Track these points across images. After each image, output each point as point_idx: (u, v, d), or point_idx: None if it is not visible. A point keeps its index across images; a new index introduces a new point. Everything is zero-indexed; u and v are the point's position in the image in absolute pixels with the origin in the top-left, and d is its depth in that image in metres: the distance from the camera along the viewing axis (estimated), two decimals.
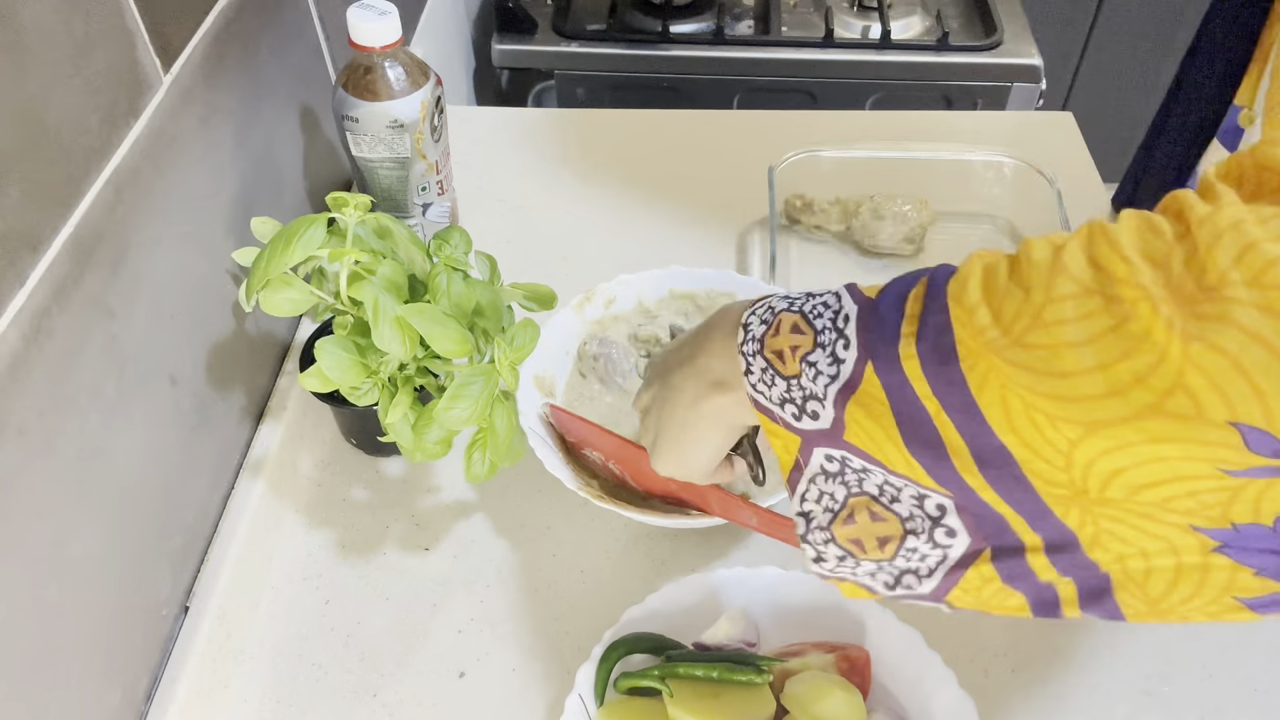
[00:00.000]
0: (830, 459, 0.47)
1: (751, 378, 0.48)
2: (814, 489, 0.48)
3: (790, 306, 0.47)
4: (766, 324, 0.48)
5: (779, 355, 0.47)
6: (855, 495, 0.47)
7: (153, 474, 0.63)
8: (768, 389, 0.47)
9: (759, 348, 0.48)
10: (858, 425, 0.44)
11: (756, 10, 1.45)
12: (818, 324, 0.45)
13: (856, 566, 0.47)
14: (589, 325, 0.76)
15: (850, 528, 0.47)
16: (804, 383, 0.46)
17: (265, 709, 0.63)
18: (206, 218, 0.69)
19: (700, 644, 0.62)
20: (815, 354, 0.45)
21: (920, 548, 0.45)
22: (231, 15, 0.71)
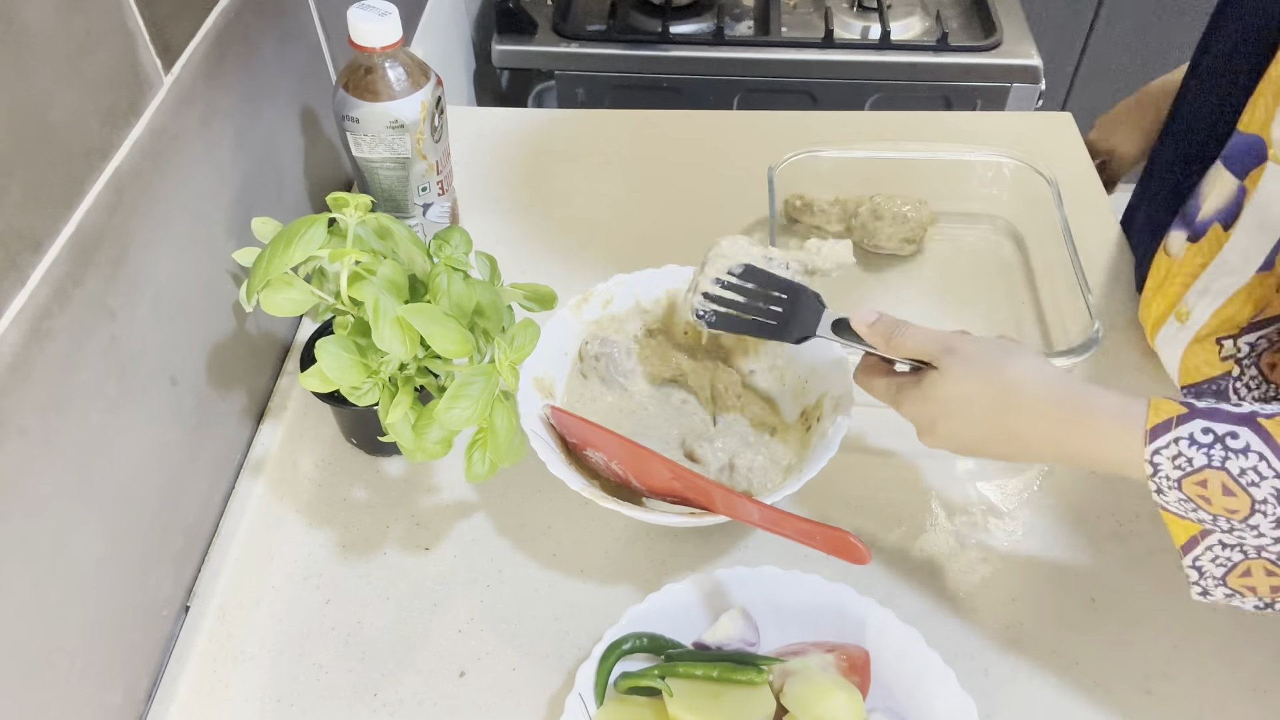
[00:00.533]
0: (1232, 533, 0.52)
1: (1164, 498, 0.53)
2: (1209, 553, 0.54)
3: (1210, 462, 0.50)
4: (1183, 471, 0.51)
5: (1205, 500, 0.51)
6: (1253, 560, 0.53)
7: (153, 474, 0.63)
8: (1186, 511, 0.53)
9: (1175, 485, 0.52)
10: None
11: (756, 11, 1.45)
12: (1255, 493, 0.49)
13: (1240, 599, 0.55)
14: (587, 326, 0.76)
15: (1245, 579, 0.54)
16: (1236, 526, 0.51)
17: (266, 708, 0.63)
18: (207, 218, 0.69)
19: (700, 644, 0.62)
20: (1255, 518, 0.50)
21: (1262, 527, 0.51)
22: (232, 15, 0.72)
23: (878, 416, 0.78)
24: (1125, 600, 0.67)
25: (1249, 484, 0.49)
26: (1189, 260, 0.73)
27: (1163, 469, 0.52)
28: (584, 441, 0.69)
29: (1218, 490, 0.50)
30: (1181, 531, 0.54)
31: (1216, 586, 0.55)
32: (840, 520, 0.71)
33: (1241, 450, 0.50)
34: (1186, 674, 0.63)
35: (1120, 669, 0.64)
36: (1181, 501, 0.52)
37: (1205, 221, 0.71)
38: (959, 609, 0.67)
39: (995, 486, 0.74)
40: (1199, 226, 0.72)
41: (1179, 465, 0.51)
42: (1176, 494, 0.52)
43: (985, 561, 0.69)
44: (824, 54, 1.35)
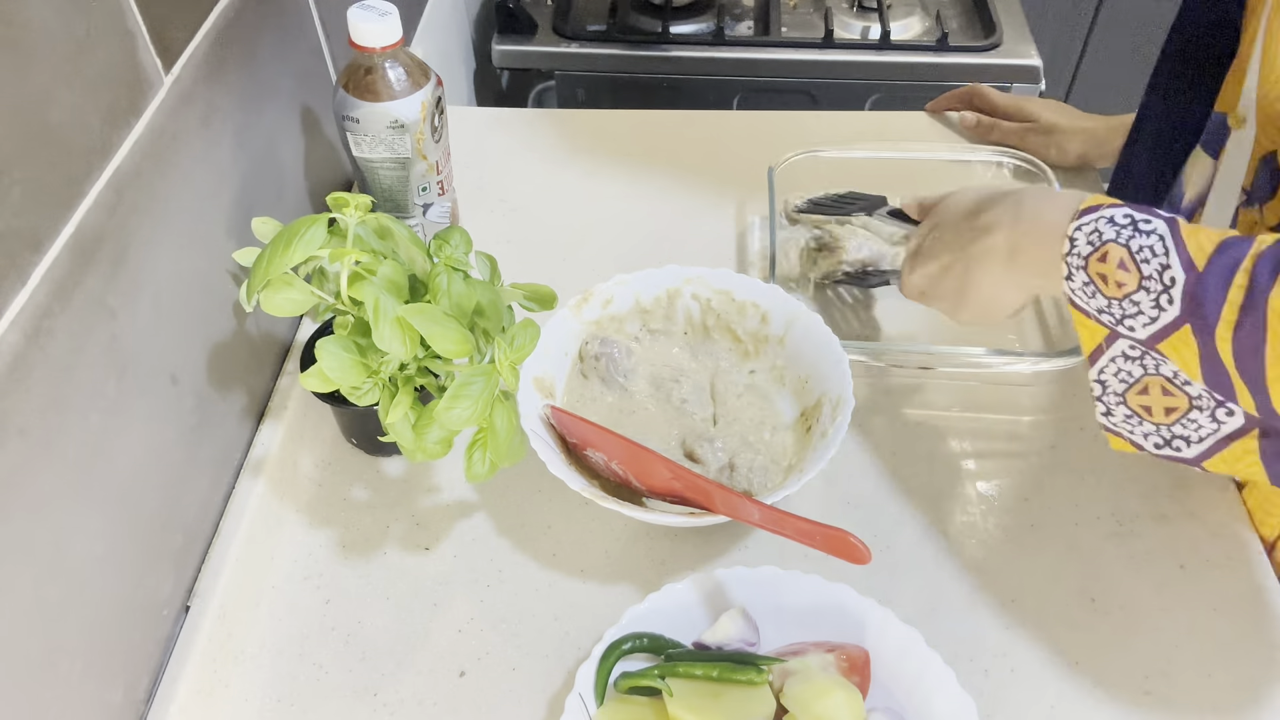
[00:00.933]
0: (1134, 347, 0.56)
1: (1071, 283, 0.56)
2: (1113, 365, 0.58)
3: (1118, 238, 0.54)
4: (1093, 246, 0.54)
5: (1103, 278, 0.54)
6: (1151, 375, 0.57)
7: (153, 474, 0.63)
8: (1086, 298, 0.56)
9: (1083, 264, 0.55)
10: (1168, 347, 0.53)
11: (756, 11, 1.45)
12: (1144, 269, 0.52)
13: (1137, 426, 0.59)
14: (587, 326, 0.76)
15: (1142, 397, 0.57)
16: (1124, 307, 0.54)
17: (266, 708, 0.63)
18: (207, 218, 0.69)
19: (700, 644, 0.62)
20: (1139, 295, 0.53)
21: (1200, 420, 0.56)
22: (232, 16, 0.72)
23: (878, 416, 0.78)
24: (1125, 600, 0.67)
25: (1141, 260, 0.52)
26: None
27: (1078, 244, 0.55)
28: (584, 441, 0.69)
29: (1114, 264, 0.53)
30: (1089, 337, 0.57)
31: (1118, 405, 0.58)
32: (840, 520, 0.71)
33: (1148, 232, 0.53)
34: (1186, 674, 0.63)
35: (1120, 669, 0.64)
36: (1085, 286, 0.55)
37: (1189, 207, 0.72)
38: (959, 609, 0.67)
39: (995, 486, 0.74)
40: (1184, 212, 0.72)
41: (1090, 240, 0.55)
42: (1081, 276, 0.55)
43: (985, 561, 0.69)
44: (824, 54, 1.35)
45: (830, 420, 0.68)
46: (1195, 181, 0.71)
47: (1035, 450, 0.76)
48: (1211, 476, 0.73)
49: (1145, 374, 0.57)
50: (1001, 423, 0.78)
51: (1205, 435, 0.57)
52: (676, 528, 0.71)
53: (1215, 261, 0.50)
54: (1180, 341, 0.52)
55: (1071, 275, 0.56)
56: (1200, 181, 0.70)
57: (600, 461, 0.69)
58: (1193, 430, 0.57)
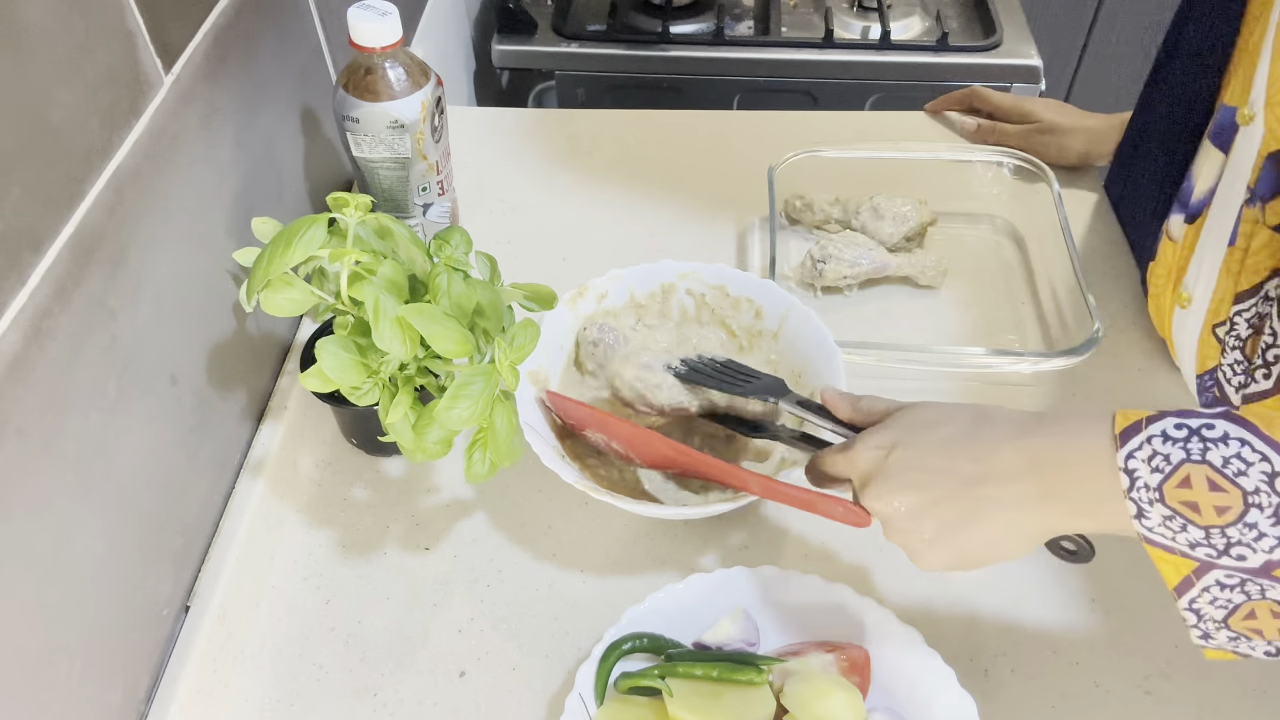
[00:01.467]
0: (1230, 575, 0.47)
1: (1147, 521, 0.47)
2: (1207, 595, 0.49)
3: (1189, 456, 0.46)
4: (1162, 474, 0.47)
5: (1192, 507, 0.46)
6: (1257, 600, 0.48)
7: (153, 474, 0.63)
8: (1172, 534, 0.47)
9: (1158, 496, 0.47)
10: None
11: (756, 11, 1.45)
12: (1244, 483, 0.45)
13: (1244, 643, 0.50)
14: (582, 320, 0.77)
15: (1249, 621, 0.49)
16: (1232, 534, 0.45)
17: (266, 708, 0.63)
18: (207, 218, 0.69)
19: (700, 644, 0.62)
20: (1251, 515, 0.45)
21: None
22: (232, 16, 0.72)
23: None
24: (1125, 600, 0.67)
25: (1235, 474, 0.45)
26: (1186, 242, 0.73)
27: (1139, 474, 0.47)
28: (582, 423, 0.69)
29: (1203, 487, 0.46)
30: (1173, 571, 0.49)
31: (1218, 630, 0.50)
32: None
33: (1220, 439, 0.46)
34: (1186, 674, 0.63)
35: (1120, 669, 0.64)
36: (1167, 521, 0.47)
37: (1199, 201, 0.72)
38: (959, 609, 0.67)
39: None
40: (1194, 207, 0.72)
41: (1156, 466, 0.47)
42: (1160, 510, 0.47)
43: None
44: (824, 54, 1.35)
45: None
46: (1205, 176, 0.71)
47: None
48: None
49: (1249, 600, 0.48)
50: None
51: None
52: (675, 522, 0.71)
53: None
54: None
55: (1144, 513, 0.47)
56: (1210, 176, 0.70)
57: (600, 440, 0.69)
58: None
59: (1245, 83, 0.67)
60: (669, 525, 0.71)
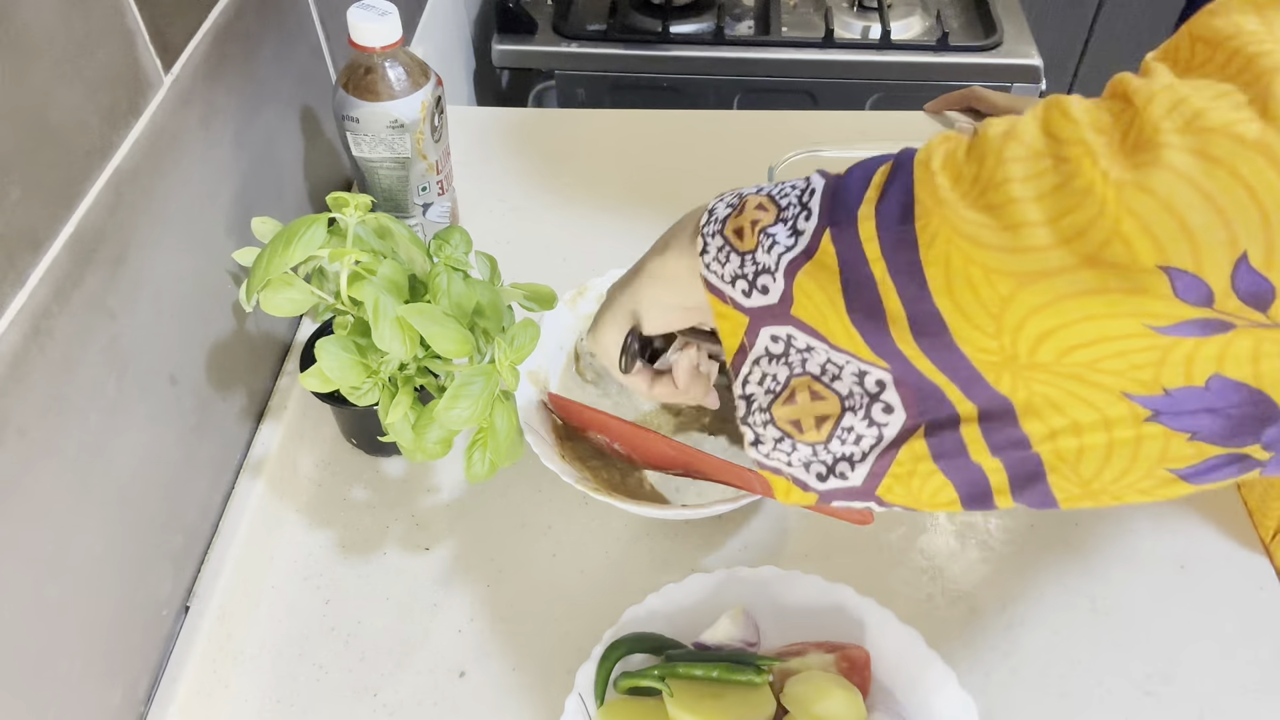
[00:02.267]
0: (775, 339, 0.48)
1: (706, 256, 0.49)
2: (757, 371, 0.49)
3: (759, 191, 0.48)
4: (732, 206, 0.49)
5: (738, 233, 0.48)
6: (797, 375, 0.47)
7: (153, 474, 0.63)
8: (721, 267, 0.48)
9: (720, 228, 0.49)
10: (805, 297, 0.45)
11: (756, 10, 1.45)
12: (783, 201, 0.47)
13: (792, 452, 0.48)
14: (582, 320, 0.77)
15: (790, 408, 0.48)
16: (759, 256, 0.46)
17: (265, 709, 0.63)
18: (207, 218, 0.69)
19: (700, 644, 0.62)
20: (775, 228, 0.46)
21: (856, 426, 0.46)
22: (232, 15, 0.72)
23: None
24: (1125, 600, 0.67)
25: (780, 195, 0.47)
26: None
27: (716, 212, 0.49)
28: (584, 425, 0.70)
29: (751, 210, 0.47)
30: (730, 332, 0.49)
31: (766, 426, 0.49)
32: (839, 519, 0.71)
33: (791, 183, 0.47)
34: (1186, 674, 0.63)
35: (1120, 669, 0.64)
36: (719, 253, 0.48)
37: None
38: (959, 609, 0.67)
39: None
40: None
41: (730, 203, 0.49)
42: (717, 242, 0.49)
43: (985, 561, 0.69)
44: (824, 54, 1.35)
45: None
46: None
47: None
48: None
49: (791, 374, 0.47)
50: None
51: (867, 448, 0.46)
52: (675, 523, 0.71)
53: (856, 166, 0.45)
54: (819, 265, 0.44)
55: (706, 246, 0.49)
56: None
57: (602, 441, 0.69)
58: (851, 443, 0.46)
59: None
60: (669, 525, 0.71)
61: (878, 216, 0.42)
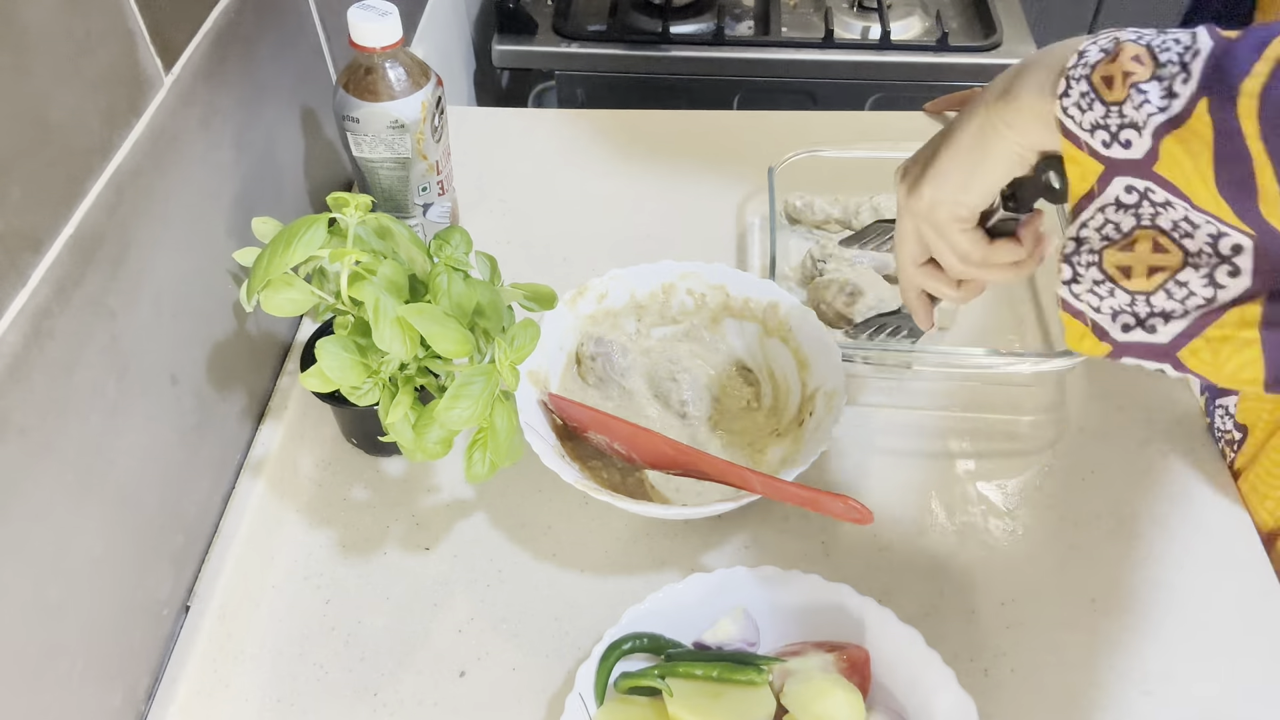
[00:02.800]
0: (1130, 190, 0.46)
1: (1067, 100, 0.47)
2: (1100, 217, 0.48)
3: (1139, 39, 0.45)
4: (1106, 52, 0.46)
5: (1107, 81, 0.45)
6: (1144, 227, 0.47)
7: (153, 474, 0.63)
8: (1080, 114, 0.46)
9: (1088, 72, 0.46)
10: (1171, 159, 0.44)
11: (756, 11, 1.45)
12: (1162, 56, 0.44)
13: (1107, 297, 0.48)
14: (582, 320, 0.77)
15: (1125, 254, 0.47)
16: (1126, 110, 0.44)
17: (266, 708, 0.63)
18: (207, 218, 0.69)
19: (700, 644, 0.62)
20: (1150, 85, 0.44)
21: (1193, 282, 0.46)
22: (232, 16, 0.72)
23: (877, 415, 0.78)
24: (1125, 600, 0.67)
25: (1160, 49, 0.44)
26: None
27: (1087, 55, 0.46)
28: (584, 425, 0.70)
29: (1127, 59, 0.44)
30: (1079, 177, 0.48)
31: (1089, 267, 0.48)
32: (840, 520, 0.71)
33: (1177, 30, 0.45)
34: (1186, 674, 0.63)
35: (1120, 669, 0.64)
36: (1082, 99, 0.46)
37: None
38: (959, 609, 0.67)
39: (995, 486, 0.74)
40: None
41: (1104, 48, 0.46)
42: (1082, 87, 0.46)
43: (985, 561, 0.69)
44: (824, 54, 1.35)
45: (825, 412, 0.68)
46: None
47: (1035, 450, 0.76)
48: (1213, 473, 0.73)
49: (1138, 225, 0.47)
50: (1001, 423, 0.78)
51: (1193, 306, 0.46)
52: (676, 522, 0.71)
53: (1252, 32, 0.41)
54: (1191, 131, 0.42)
55: (1069, 89, 0.46)
56: None
57: (603, 442, 0.69)
58: (1179, 298, 0.46)
59: None
60: (669, 525, 0.71)
61: (1263, 96, 0.40)
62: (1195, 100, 0.42)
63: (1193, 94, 0.42)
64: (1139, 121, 0.44)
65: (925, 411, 0.79)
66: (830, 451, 0.75)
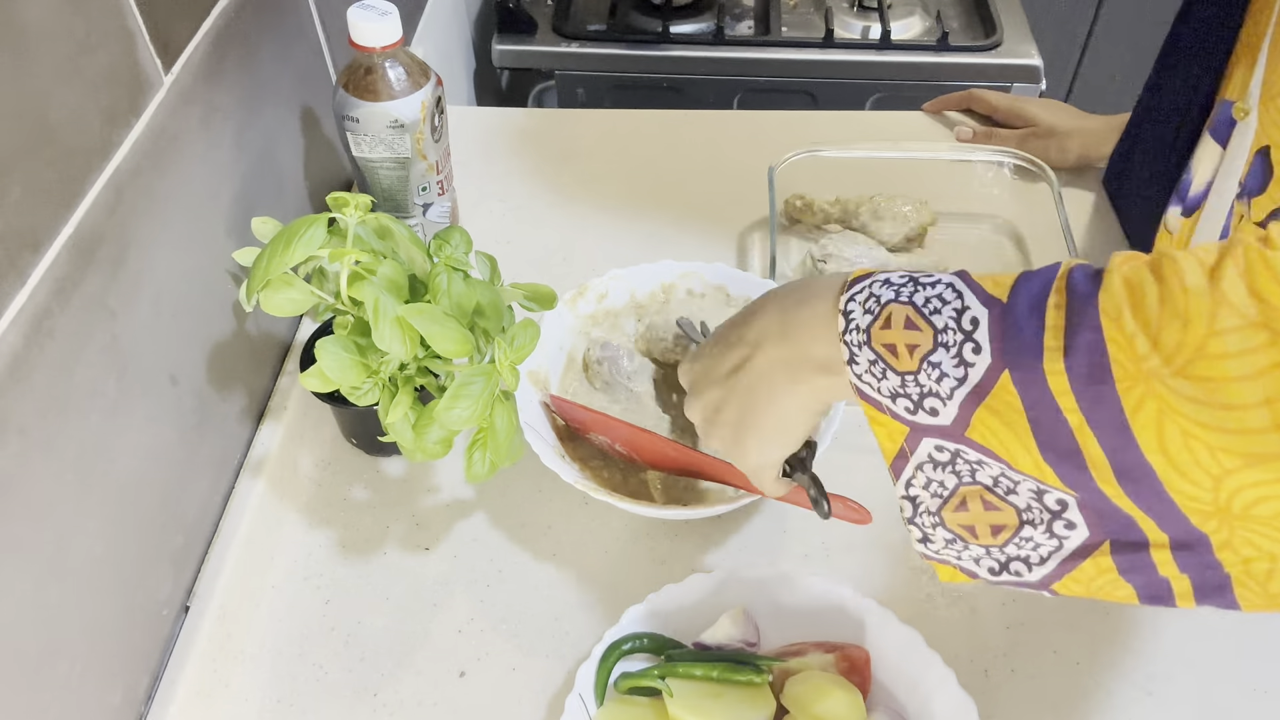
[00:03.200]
0: (941, 449, 0.46)
1: (857, 368, 0.46)
2: (921, 476, 0.47)
3: (898, 297, 0.45)
4: (872, 315, 0.45)
5: (891, 350, 0.44)
6: (967, 485, 0.46)
7: (153, 474, 0.63)
8: (876, 381, 0.45)
9: (865, 339, 0.45)
10: (985, 427, 0.43)
11: (756, 10, 1.45)
12: (936, 321, 0.43)
13: (964, 550, 0.47)
14: (582, 320, 0.77)
15: (962, 514, 0.46)
16: (922, 380, 0.43)
17: (266, 709, 0.63)
18: (207, 218, 0.69)
19: (700, 644, 0.62)
20: (938, 354, 0.43)
21: (1036, 537, 0.45)
22: (232, 15, 0.72)
23: None
24: None
25: (931, 312, 0.43)
26: (1182, 236, 0.73)
27: (854, 317, 0.45)
28: (585, 426, 0.70)
29: (900, 326, 0.43)
30: (887, 439, 0.47)
31: (935, 528, 0.48)
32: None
33: (931, 283, 0.44)
34: (1186, 674, 0.63)
35: (1120, 669, 0.64)
36: (871, 366, 0.45)
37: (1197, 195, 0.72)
38: (959, 609, 0.67)
39: None
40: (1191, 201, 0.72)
41: (868, 309, 0.45)
42: (866, 354, 0.45)
43: None
44: (824, 54, 1.35)
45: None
46: (1203, 170, 0.71)
47: None
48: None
49: (960, 484, 0.46)
50: None
51: (1047, 554, 0.45)
52: (675, 523, 0.71)
53: (1020, 289, 0.42)
54: (1001, 402, 0.41)
55: (854, 357, 0.46)
56: (1208, 170, 0.70)
57: (604, 442, 0.69)
58: (1030, 550, 0.45)
59: (1245, 78, 0.67)
60: (669, 525, 0.71)
61: (1068, 372, 0.39)
62: (996, 373, 0.41)
63: (990, 365, 0.41)
64: (941, 394, 0.43)
65: None
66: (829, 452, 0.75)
